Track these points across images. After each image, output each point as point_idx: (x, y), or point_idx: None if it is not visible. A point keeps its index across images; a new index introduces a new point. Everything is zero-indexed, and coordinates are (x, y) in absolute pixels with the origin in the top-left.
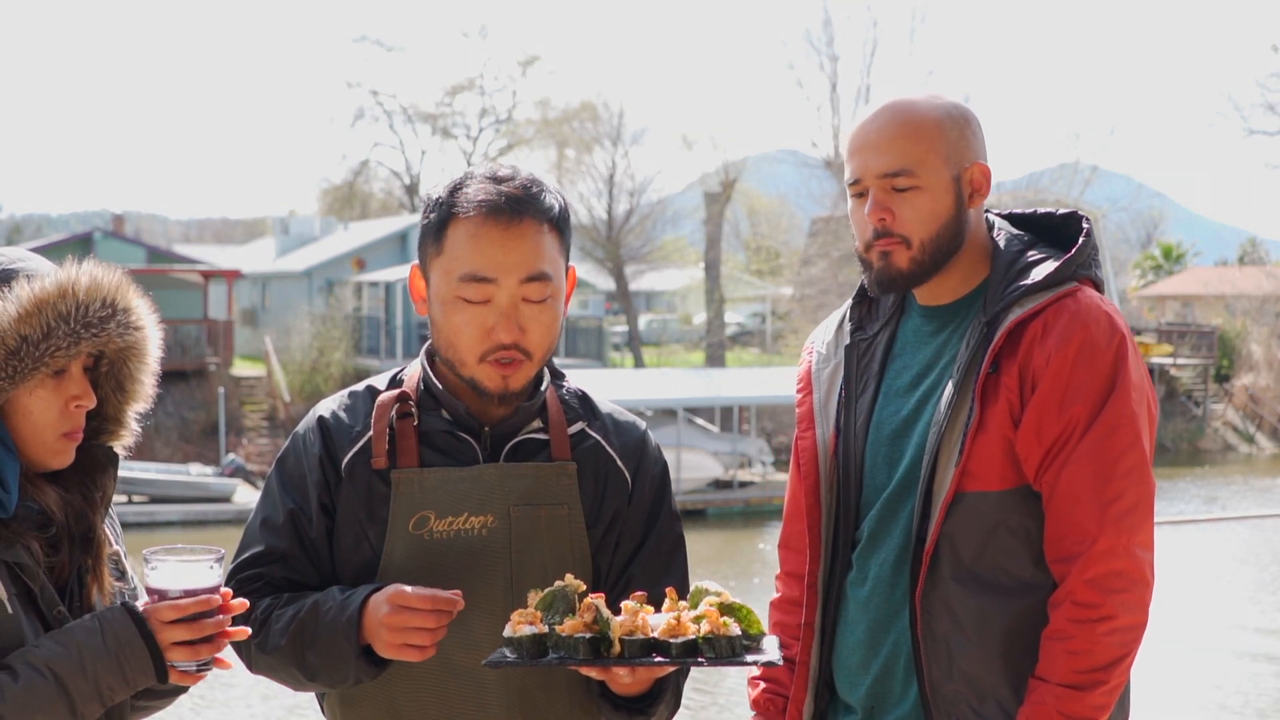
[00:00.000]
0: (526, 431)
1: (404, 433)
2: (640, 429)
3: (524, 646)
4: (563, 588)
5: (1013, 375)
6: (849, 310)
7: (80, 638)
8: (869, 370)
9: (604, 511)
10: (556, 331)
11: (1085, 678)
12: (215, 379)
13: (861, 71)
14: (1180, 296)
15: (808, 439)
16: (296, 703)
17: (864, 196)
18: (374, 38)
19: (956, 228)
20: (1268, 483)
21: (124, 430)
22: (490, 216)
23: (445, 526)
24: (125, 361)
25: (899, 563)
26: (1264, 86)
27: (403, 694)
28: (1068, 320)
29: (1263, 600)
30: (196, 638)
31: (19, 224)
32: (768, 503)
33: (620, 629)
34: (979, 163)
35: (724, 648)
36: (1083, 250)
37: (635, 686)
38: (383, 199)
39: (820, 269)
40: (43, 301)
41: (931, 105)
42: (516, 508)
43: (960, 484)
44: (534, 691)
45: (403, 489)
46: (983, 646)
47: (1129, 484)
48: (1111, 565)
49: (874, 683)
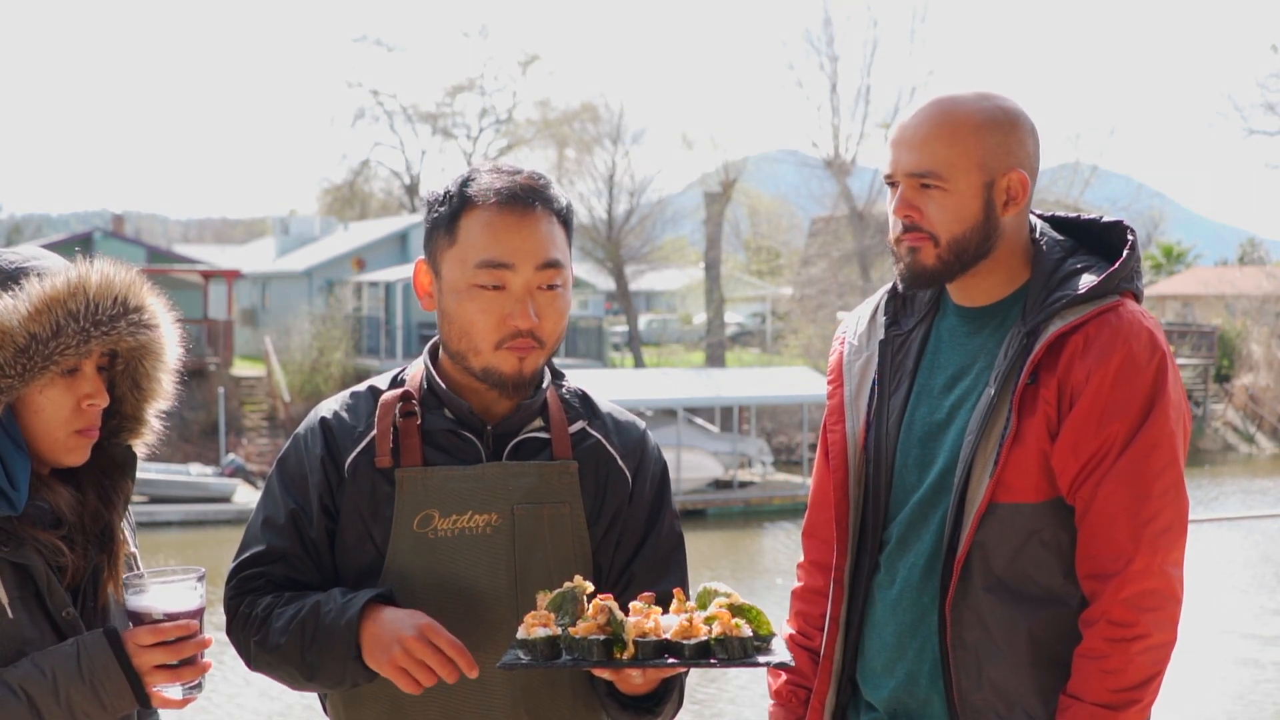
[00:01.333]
0: (528, 430)
1: (407, 432)
2: (640, 428)
3: (538, 648)
4: (571, 589)
5: (1051, 388)
6: (884, 302)
7: (57, 661)
8: (903, 367)
9: (605, 510)
10: (565, 318)
11: (1120, 696)
12: (215, 379)
13: (861, 71)
14: (1180, 296)
15: (838, 432)
16: (294, 701)
17: (896, 189)
18: (374, 38)
19: (984, 232)
20: (1268, 483)
21: (144, 428)
22: (506, 204)
23: (449, 525)
24: (140, 360)
25: (928, 568)
26: (1264, 86)
27: (407, 694)
28: (1110, 335)
29: (1263, 601)
30: (176, 660)
31: (19, 224)
32: (768, 503)
33: (633, 630)
34: (1018, 171)
35: (736, 649)
36: (1127, 263)
37: (644, 686)
38: (383, 199)
39: (820, 269)
40: (53, 300)
41: (976, 108)
42: (520, 506)
43: (994, 494)
44: (538, 690)
45: (406, 488)
46: (1012, 656)
47: (1165, 503)
48: (1146, 584)
49: (898, 686)
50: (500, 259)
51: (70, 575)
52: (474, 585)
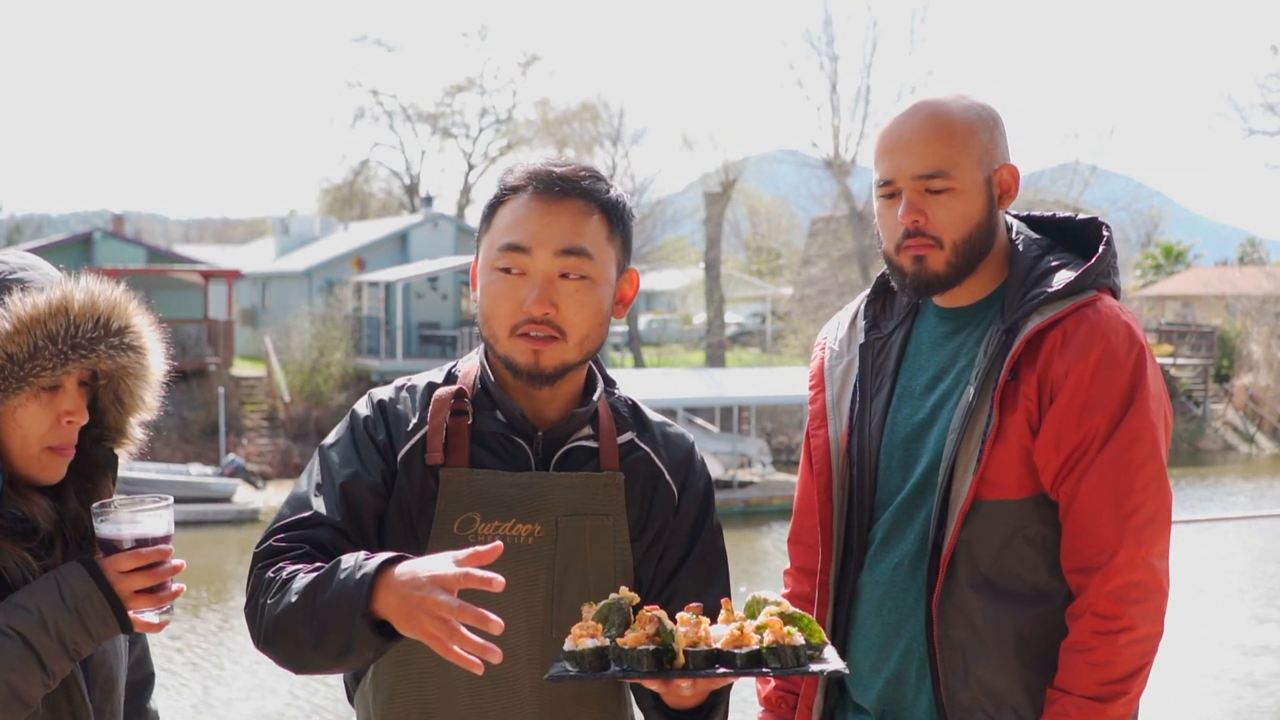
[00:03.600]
0: (577, 439)
1: (457, 431)
2: (689, 442)
3: (586, 660)
4: (617, 600)
5: (1031, 384)
6: (863, 307)
7: (40, 597)
8: (884, 370)
9: (650, 524)
10: (597, 319)
11: (1107, 689)
12: (215, 379)
13: (861, 71)
14: (1180, 296)
15: (820, 436)
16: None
17: (895, 198)
18: (374, 38)
19: (988, 229)
20: (1268, 483)
21: (126, 439)
22: (536, 192)
23: (490, 530)
24: (123, 378)
25: (913, 567)
26: (1264, 87)
27: (435, 693)
28: (1088, 330)
29: (1262, 601)
30: (156, 584)
31: (19, 224)
32: (768, 503)
33: (684, 640)
34: (1008, 164)
35: (789, 657)
36: (1103, 259)
37: (693, 699)
38: (383, 199)
39: (820, 269)
40: (34, 320)
41: (963, 107)
42: (564, 519)
43: (978, 491)
44: (565, 699)
45: (450, 488)
46: (999, 654)
47: (1148, 496)
48: (1131, 577)
49: (886, 686)
50: (519, 242)
51: None
52: (510, 594)
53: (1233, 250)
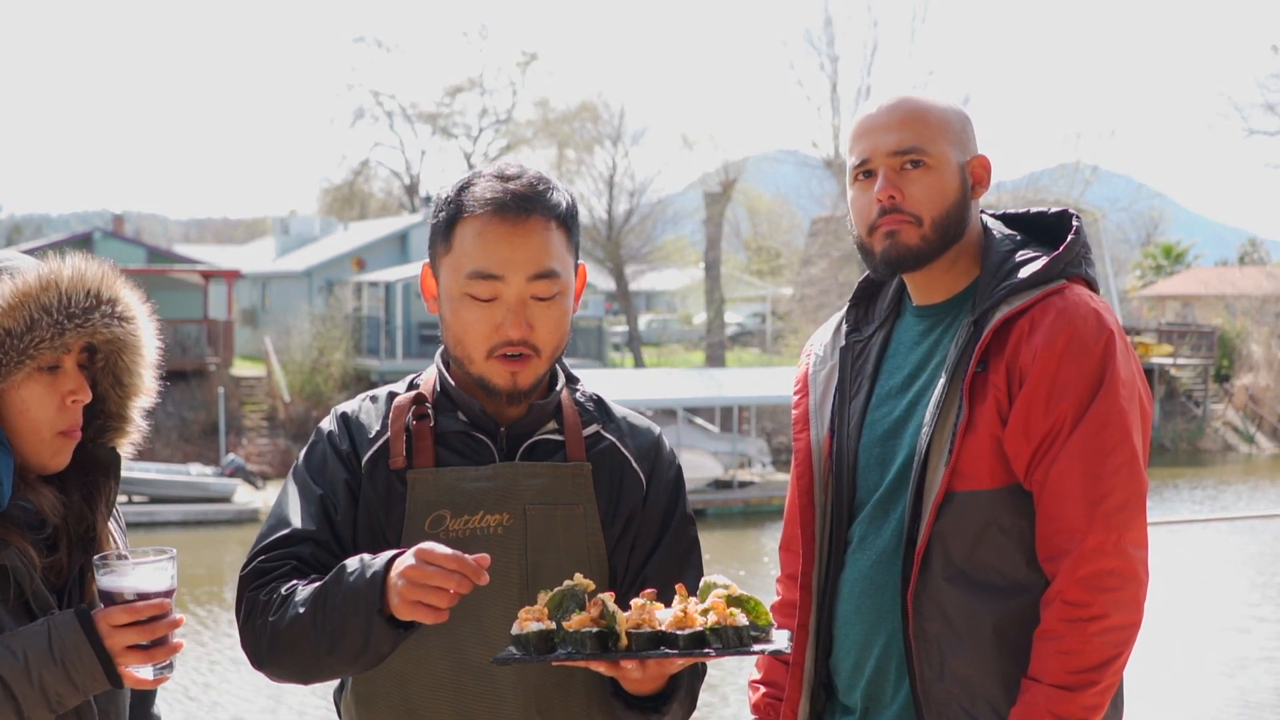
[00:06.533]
0: (542, 432)
1: (420, 434)
2: (655, 432)
3: (531, 643)
4: (572, 587)
5: (1000, 373)
6: (845, 313)
7: (28, 642)
8: (863, 372)
9: (619, 512)
10: (565, 329)
11: (1077, 678)
12: (215, 379)
13: (861, 71)
14: (1180, 296)
15: (803, 440)
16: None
17: (870, 178)
18: (374, 38)
19: (961, 212)
20: (1268, 483)
21: (129, 426)
22: (497, 214)
23: (461, 525)
24: (119, 355)
25: (890, 563)
26: (1264, 86)
27: (419, 694)
28: (1054, 317)
29: (1262, 602)
30: (149, 640)
31: (19, 224)
32: (767, 503)
33: (627, 623)
34: (981, 155)
35: (731, 638)
36: (1071, 248)
37: (647, 684)
38: (383, 199)
39: (820, 269)
40: (25, 295)
41: (937, 99)
42: (532, 506)
43: (950, 483)
44: (550, 691)
45: (418, 489)
46: (974, 647)
47: (1119, 481)
48: (1102, 564)
49: (868, 683)
50: (490, 270)
51: (57, 576)
52: (486, 585)
53: (1233, 250)
